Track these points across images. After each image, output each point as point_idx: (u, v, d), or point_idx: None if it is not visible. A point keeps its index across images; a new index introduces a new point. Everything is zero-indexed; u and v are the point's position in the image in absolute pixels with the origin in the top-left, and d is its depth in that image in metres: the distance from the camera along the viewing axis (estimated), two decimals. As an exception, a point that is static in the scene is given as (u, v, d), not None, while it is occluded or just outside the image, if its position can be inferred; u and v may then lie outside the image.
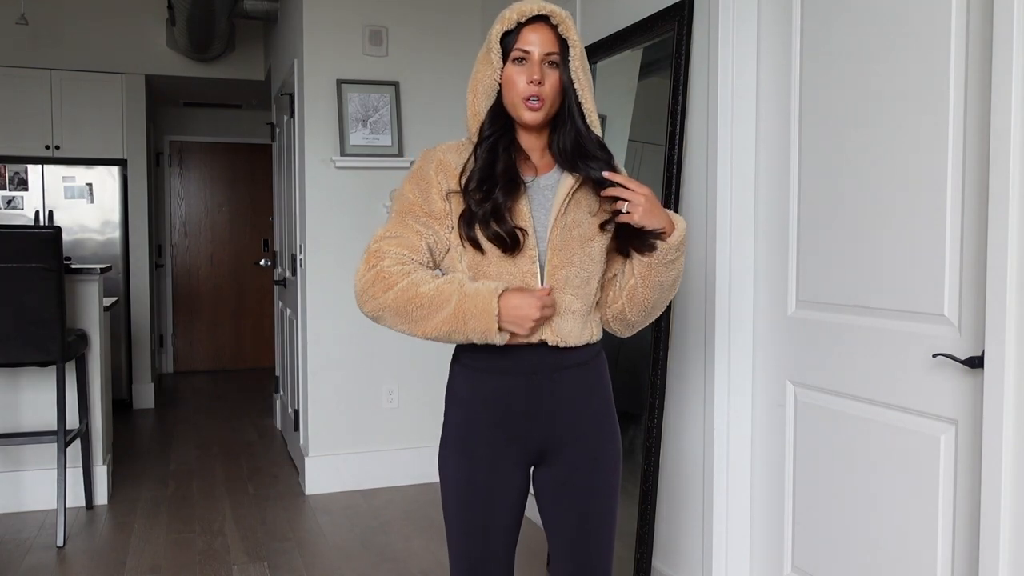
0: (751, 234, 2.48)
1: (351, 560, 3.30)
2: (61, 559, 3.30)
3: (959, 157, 1.82)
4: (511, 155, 1.69)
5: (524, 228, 1.64)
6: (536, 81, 1.63)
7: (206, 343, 7.83)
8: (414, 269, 1.64)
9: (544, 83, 1.64)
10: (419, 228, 1.67)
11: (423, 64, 4.22)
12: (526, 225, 1.65)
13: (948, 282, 1.85)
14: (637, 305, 1.73)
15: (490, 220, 1.62)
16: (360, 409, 4.20)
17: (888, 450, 2.02)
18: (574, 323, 1.68)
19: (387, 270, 1.62)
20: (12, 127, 5.76)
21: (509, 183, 1.66)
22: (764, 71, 2.43)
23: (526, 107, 1.65)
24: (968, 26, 1.79)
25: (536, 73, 1.63)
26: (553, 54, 1.65)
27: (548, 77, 1.65)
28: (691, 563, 2.63)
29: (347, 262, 4.13)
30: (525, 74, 1.64)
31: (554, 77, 1.66)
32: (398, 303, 1.61)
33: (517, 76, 1.65)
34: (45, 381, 3.80)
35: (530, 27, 1.65)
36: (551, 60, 1.65)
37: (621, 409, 1.83)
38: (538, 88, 1.64)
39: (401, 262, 1.64)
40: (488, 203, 1.63)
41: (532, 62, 1.64)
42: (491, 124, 1.69)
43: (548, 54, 1.64)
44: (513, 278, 1.64)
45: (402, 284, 1.61)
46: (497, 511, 1.71)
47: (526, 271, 1.65)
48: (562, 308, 1.67)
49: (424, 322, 1.61)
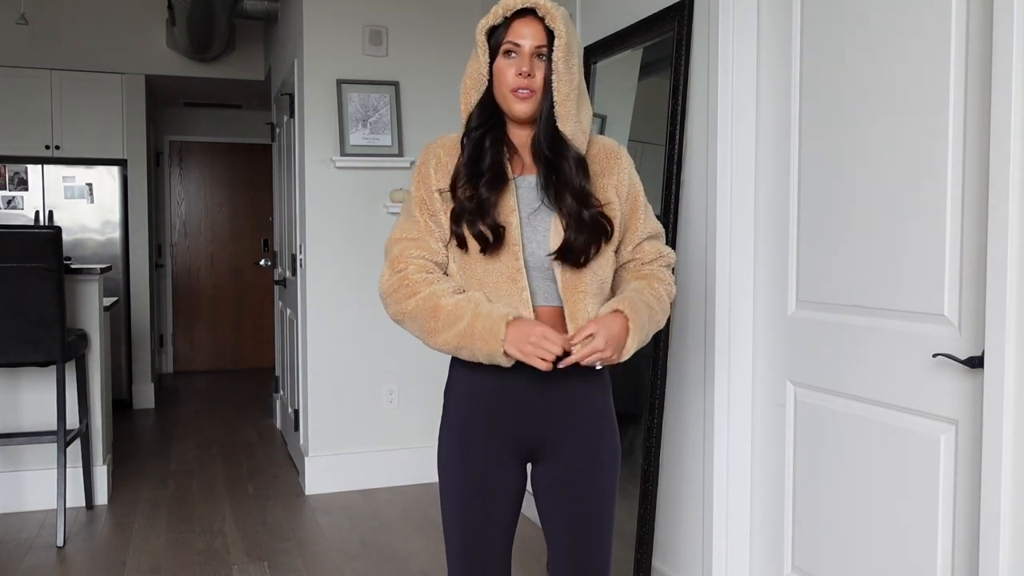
0: (751, 234, 2.48)
1: (351, 560, 3.30)
2: (61, 559, 3.30)
3: (959, 156, 1.82)
4: (499, 149, 1.68)
5: (503, 224, 1.63)
6: (525, 73, 1.63)
7: (206, 343, 7.83)
8: (437, 279, 1.68)
9: (534, 75, 1.64)
10: (432, 227, 1.70)
11: (423, 64, 4.22)
12: (508, 221, 1.64)
13: (948, 282, 1.84)
14: None
15: (475, 216, 1.63)
16: (360, 409, 4.20)
17: (888, 450, 2.02)
18: (591, 306, 1.68)
19: (410, 277, 1.68)
20: (12, 127, 5.76)
21: (494, 178, 1.65)
22: (764, 71, 2.43)
23: (516, 98, 1.65)
24: (968, 26, 1.79)
25: (525, 65, 1.63)
26: (544, 47, 1.64)
27: (538, 69, 1.65)
28: (691, 563, 2.63)
29: (347, 262, 4.13)
30: (515, 66, 1.64)
31: (543, 70, 1.65)
32: (418, 311, 1.66)
33: (507, 68, 1.65)
34: (45, 381, 3.80)
35: (521, 20, 1.65)
36: (542, 53, 1.65)
37: (621, 409, 1.83)
38: (527, 80, 1.64)
39: (425, 270, 1.68)
40: (473, 199, 1.64)
41: (522, 55, 1.64)
42: (479, 117, 1.70)
43: (539, 47, 1.64)
44: (500, 275, 1.64)
45: (424, 293, 1.66)
46: (494, 508, 1.71)
47: (511, 267, 1.64)
48: (582, 317, 1.66)
49: (438, 334, 1.64)
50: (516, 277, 1.64)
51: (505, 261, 1.64)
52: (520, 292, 1.64)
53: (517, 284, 1.64)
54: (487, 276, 1.65)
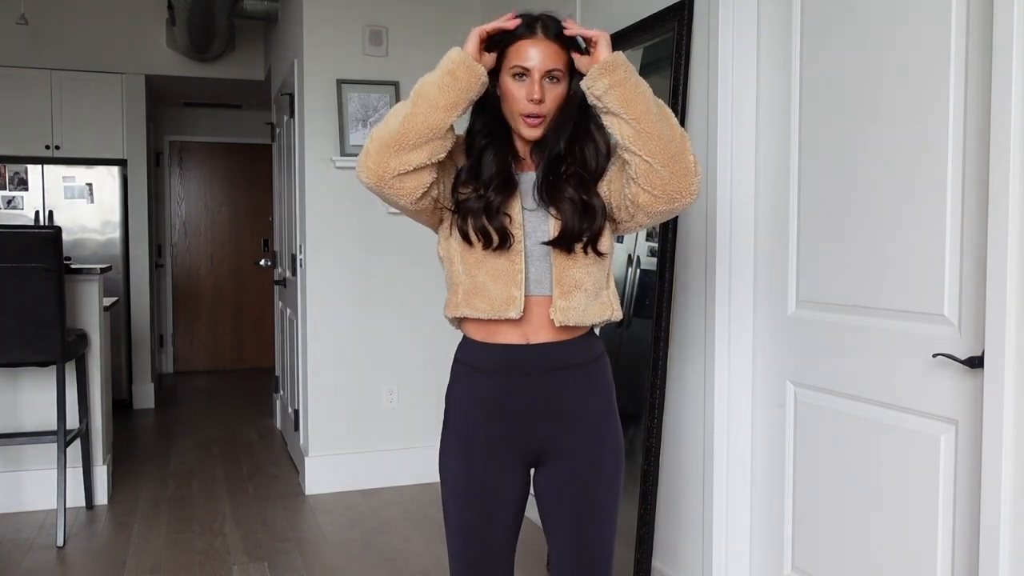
0: (751, 234, 2.48)
1: (351, 560, 3.30)
2: (61, 559, 3.30)
3: (959, 156, 1.82)
4: (505, 156, 1.68)
5: (514, 232, 1.65)
6: (536, 100, 1.61)
7: (206, 343, 7.82)
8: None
9: (545, 100, 1.63)
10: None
11: (423, 64, 4.12)
12: (516, 225, 1.65)
13: (948, 282, 1.84)
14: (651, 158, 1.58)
15: (481, 216, 1.63)
16: (360, 409, 4.20)
17: (888, 450, 2.02)
18: (580, 300, 1.68)
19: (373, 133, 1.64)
20: (12, 127, 5.76)
21: (503, 184, 1.66)
22: (764, 71, 2.43)
23: (526, 124, 1.64)
24: (968, 26, 1.79)
25: (536, 92, 1.61)
26: (556, 70, 1.62)
27: (549, 92, 1.63)
28: (691, 563, 2.63)
29: (347, 262, 4.13)
30: (525, 90, 1.62)
31: (555, 92, 1.64)
32: (385, 128, 1.60)
33: (516, 91, 1.63)
34: (45, 381, 3.80)
35: (528, 41, 1.62)
36: (553, 76, 1.63)
37: (621, 409, 1.83)
38: (538, 107, 1.62)
39: None
40: (481, 201, 1.64)
41: (532, 80, 1.62)
42: (483, 123, 1.69)
43: (550, 71, 1.62)
44: (504, 272, 1.65)
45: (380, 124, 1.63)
46: (496, 511, 1.71)
47: (513, 251, 1.65)
48: (571, 284, 1.66)
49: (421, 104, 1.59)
50: (515, 259, 1.66)
51: (510, 257, 1.66)
52: (515, 274, 1.65)
53: (514, 266, 1.66)
54: (486, 258, 1.66)
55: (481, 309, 1.67)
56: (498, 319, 1.67)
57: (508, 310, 1.65)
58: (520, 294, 1.65)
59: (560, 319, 1.66)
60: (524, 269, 1.66)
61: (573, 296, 1.67)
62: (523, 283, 1.65)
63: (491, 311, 1.66)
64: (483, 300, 1.66)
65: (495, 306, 1.65)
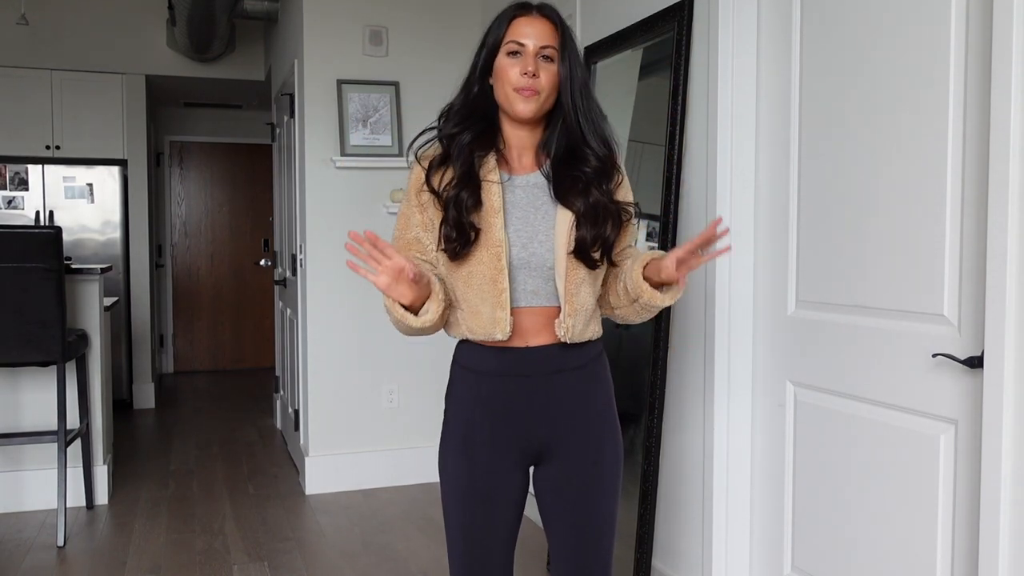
0: (751, 234, 2.48)
1: (351, 560, 3.30)
2: (61, 559, 3.30)
3: (959, 156, 1.82)
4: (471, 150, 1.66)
5: (479, 227, 1.62)
6: (530, 73, 1.61)
7: (206, 343, 7.83)
8: None
9: (539, 75, 1.62)
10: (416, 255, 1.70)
11: (423, 64, 4.22)
12: (490, 223, 1.63)
13: (948, 282, 1.85)
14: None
15: (450, 219, 1.63)
16: (360, 409, 4.20)
17: (888, 450, 2.02)
18: (582, 319, 1.68)
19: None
20: (12, 127, 5.76)
21: (464, 177, 1.64)
22: (764, 71, 2.43)
23: (519, 96, 1.62)
24: (968, 26, 1.79)
25: (531, 65, 1.61)
26: (549, 47, 1.63)
27: (543, 70, 1.63)
28: (691, 563, 2.63)
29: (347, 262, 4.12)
30: (519, 66, 1.62)
31: (550, 71, 1.64)
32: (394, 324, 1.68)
33: (510, 67, 1.63)
34: (45, 381, 3.80)
35: (524, 19, 1.64)
36: (546, 54, 1.63)
37: (621, 409, 1.83)
38: (531, 81, 1.61)
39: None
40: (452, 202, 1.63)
41: (527, 55, 1.62)
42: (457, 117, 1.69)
43: (544, 47, 1.62)
44: (483, 278, 1.63)
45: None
46: (496, 511, 1.71)
47: (493, 268, 1.63)
48: (579, 305, 1.66)
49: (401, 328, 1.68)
50: (497, 279, 1.63)
51: (488, 263, 1.63)
52: (499, 294, 1.63)
53: (497, 286, 1.63)
54: (471, 278, 1.65)
55: (478, 333, 1.67)
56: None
57: (494, 332, 1.65)
58: (505, 315, 1.63)
59: (569, 337, 1.66)
60: (508, 288, 1.63)
61: (579, 315, 1.67)
62: (507, 303, 1.63)
63: (483, 333, 1.66)
64: (477, 323, 1.67)
65: (485, 327, 1.65)
